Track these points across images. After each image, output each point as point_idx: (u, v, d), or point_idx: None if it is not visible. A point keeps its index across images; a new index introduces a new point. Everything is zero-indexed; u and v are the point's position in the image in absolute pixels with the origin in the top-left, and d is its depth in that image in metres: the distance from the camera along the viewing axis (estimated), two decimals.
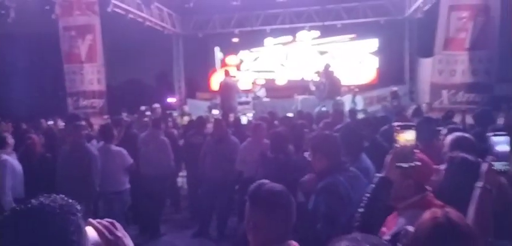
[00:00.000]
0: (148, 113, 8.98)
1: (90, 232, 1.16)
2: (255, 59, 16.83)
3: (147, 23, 12.70)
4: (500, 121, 5.92)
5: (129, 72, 15.04)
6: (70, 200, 1.11)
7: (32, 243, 1.03)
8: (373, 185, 2.02)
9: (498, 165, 1.89)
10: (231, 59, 16.86)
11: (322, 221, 2.67)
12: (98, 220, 1.21)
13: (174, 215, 7.41)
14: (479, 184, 1.91)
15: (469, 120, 6.07)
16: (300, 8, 14.62)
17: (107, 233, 1.18)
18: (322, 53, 16.12)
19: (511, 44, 8.15)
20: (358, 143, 3.56)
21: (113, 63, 11.32)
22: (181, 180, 8.21)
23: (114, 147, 5.61)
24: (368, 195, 2.03)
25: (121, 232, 1.22)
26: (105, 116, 9.53)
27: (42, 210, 1.06)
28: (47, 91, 12.47)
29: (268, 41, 16.43)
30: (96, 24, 9.78)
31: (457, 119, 6.92)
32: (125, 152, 5.63)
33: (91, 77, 9.75)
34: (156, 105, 10.03)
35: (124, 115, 8.00)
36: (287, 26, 15.25)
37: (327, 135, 3.12)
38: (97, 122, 8.31)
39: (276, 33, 15.90)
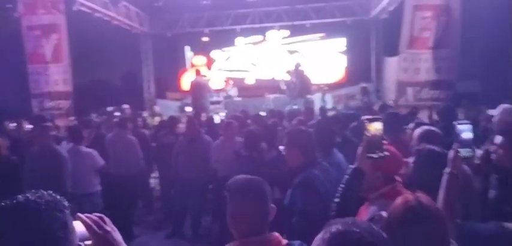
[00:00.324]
0: (117, 113, 8.83)
1: (79, 226, 1.16)
2: (227, 59, 16.84)
3: (114, 21, 12.43)
4: (461, 116, 6.22)
5: (95, 72, 14.65)
6: (58, 197, 1.12)
7: (17, 238, 1.03)
8: (347, 176, 2.11)
9: (463, 152, 2.05)
10: (199, 59, 16.74)
11: (298, 215, 2.71)
12: (87, 215, 1.20)
13: (147, 216, 7.32)
14: (447, 170, 2.04)
15: (434, 115, 6.35)
16: (269, 8, 14.74)
17: (95, 227, 1.18)
18: (292, 52, 16.34)
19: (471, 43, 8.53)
20: (330, 138, 3.66)
21: (79, 63, 11.00)
22: (154, 181, 8.13)
23: (83, 149, 5.49)
24: (342, 185, 2.11)
25: (110, 226, 1.22)
26: (72, 118, 9.28)
27: (27, 206, 1.07)
28: (9, 93, 11.98)
29: (239, 40, 16.47)
30: (62, 23, 9.44)
31: (423, 115, 7.20)
32: (95, 153, 5.53)
33: (57, 77, 9.41)
34: (125, 105, 9.91)
35: (93, 116, 7.83)
36: (257, 25, 15.33)
37: (302, 131, 3.18)
38: (64, 124, 8.08)
39: (246, 32, 15.95)
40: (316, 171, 2.88)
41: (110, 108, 9.16)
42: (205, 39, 16.01)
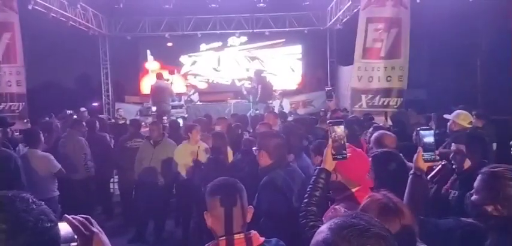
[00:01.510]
0: (75, 116, 8.61)
1: (65, 227, 1.13)
2: (193, 63, 16.79)
3: (71, 22, 12.03)
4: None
5: (50, 74, 14.07)
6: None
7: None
8: (314, 176, 2.25)
9: (426, 155, 2.22)
10: (153, 64, 16.46)
11: (264, 215, 2.80)
12: (73, 216, 1.18)
13: (107, 222, 7.16)
14: (412, 171, 2.23)
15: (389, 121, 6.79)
16: (230, 15, 14.91)
17: (82, 229, 1.15)
18: (252, 58, 16.59)
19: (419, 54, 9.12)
20: (299, 142, 3.83)
21: (33, 64, 10.57)
22: (113, 186, 7.99)
23: (39, 153, 5.31)
24: (310, 186, 2.24)
25: (96, 227, 1.19)
26: (26, 120, 8.91)
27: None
28: None
29: (203, 46, 16.51)
30: (15, 22, 8.98)
31: (378, 120, 7.64)
32: (51, 157, 5.37)
33: (9, 78, 8.97)
34: (83, 109, 9.68)
35: (55, 120, 7.58)
36: (218, 31, 15.44)
37: (271, 134, 3.29)
38: (17, 127, 7.74)
39: (206, 38, 16.02)
40: (282, 172, 2.97)
41: (69, 111, 8.88)
42: (169, 44, 15.86)
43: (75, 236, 1.14)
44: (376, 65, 9.81)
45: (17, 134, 6.98)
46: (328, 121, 2.27)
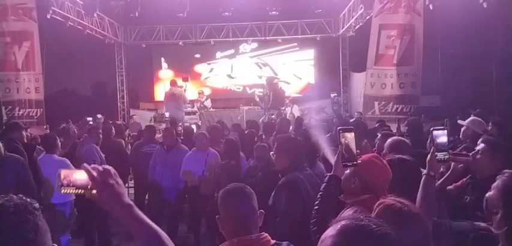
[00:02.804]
0: (91, 123, 8.78)
1: (83, 175, 1.20)
2: (210, 71, 16.97)
3: (87, 31, 12.31)
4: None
5: (68, 81, 14.40)
6: (28, 199, 1.13)
7: None
8: (324, 183, 2.28)
9: (440, 155, 2.20)
10: (166, 73, 16.68)
11: (281, 215, 2.87)
12: (93, 165, 1.24)
13: (121, 226, 7.24)
14: (424, 172, 2.21)
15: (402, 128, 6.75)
16: (242, 23, 15.06)
17: (98, 178, 1.20)
18: (263, 65, 16.68)
19: (432, 60, 9.05)
20: (314, 149, 3.84)
21: (51, 72, 10.82)
22: (127, 191, 8.07)
23: (56, 158, 5.42)
24: (321, 192, 2.27)
25: (114, 180, 1.23)
26: (45, 126, 9.13)
27: None
28: None
29: (218, 54, 16.70)
30: (34, 30, 9.27)
31: (392, 127, 7.58)
32: (68, 162, 5.47)
33: (28, 85, 9.24)
34: (99, 115, 9.86)
35: (72, 125, 7.76)
36: (231, 39, 15.59)
37: (290, 138, 3.37)
38: (36, 132, 7.93)
39: (219, 45, 16.20)
40: (301, 175, 3.04)
41: (89, 119, 9.09)
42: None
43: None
44: (389, 71, 9.79)
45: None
46: (338, 128, 2.25)
